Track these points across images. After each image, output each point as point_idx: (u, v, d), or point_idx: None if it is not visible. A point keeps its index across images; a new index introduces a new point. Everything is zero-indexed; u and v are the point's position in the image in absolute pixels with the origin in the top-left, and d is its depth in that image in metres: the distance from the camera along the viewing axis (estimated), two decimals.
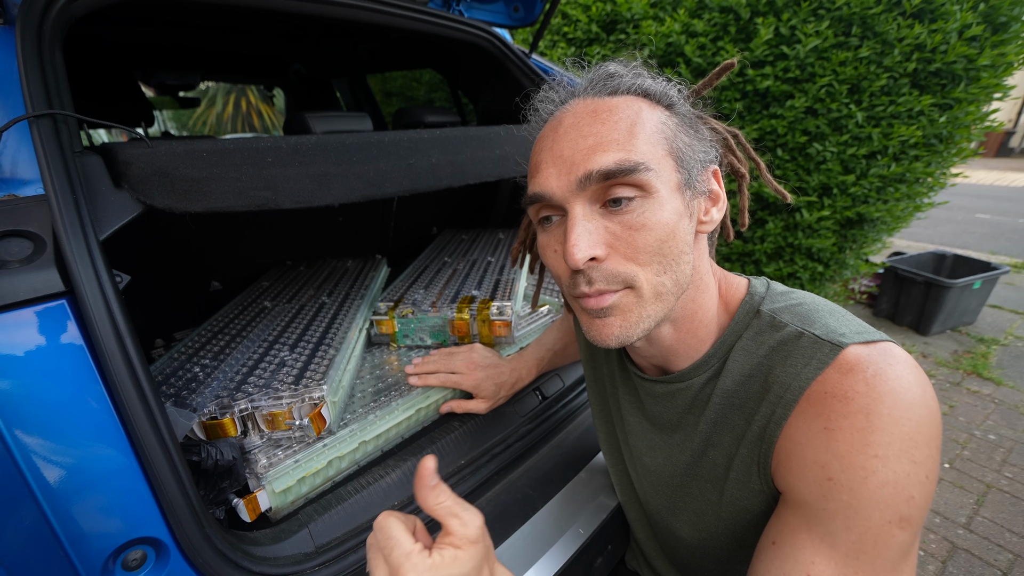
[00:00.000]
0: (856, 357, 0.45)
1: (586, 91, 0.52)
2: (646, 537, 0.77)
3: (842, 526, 0.42)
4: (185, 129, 8.12)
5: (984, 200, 7.25)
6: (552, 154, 0.49)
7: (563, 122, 0.50)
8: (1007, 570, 1.50)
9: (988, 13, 1.81)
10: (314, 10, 0.97)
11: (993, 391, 2.42)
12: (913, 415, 0.42)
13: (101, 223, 0.59)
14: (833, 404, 0.44)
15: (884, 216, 2.24)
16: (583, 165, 0.46)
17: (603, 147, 0.46)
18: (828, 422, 0.43)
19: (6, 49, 0.65)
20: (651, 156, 0.46)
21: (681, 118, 0.52)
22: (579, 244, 0.46)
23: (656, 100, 0.51)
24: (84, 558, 0.50)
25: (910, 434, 0.41)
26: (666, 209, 0.47)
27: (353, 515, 0.71)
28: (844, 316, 0.51)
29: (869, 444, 0.41)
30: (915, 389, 0.43)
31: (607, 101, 0.49)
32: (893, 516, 0.41)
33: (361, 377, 0.97)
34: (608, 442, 0.78)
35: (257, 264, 1.46)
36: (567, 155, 0.48)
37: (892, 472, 0.41)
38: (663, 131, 0.48)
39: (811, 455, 0.44)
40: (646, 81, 0.51)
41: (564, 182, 0.48)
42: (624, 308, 0.49)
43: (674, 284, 0.49)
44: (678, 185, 0.48)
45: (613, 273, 0.47)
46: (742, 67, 2.09)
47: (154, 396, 0.55)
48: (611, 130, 0.47)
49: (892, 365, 0.44)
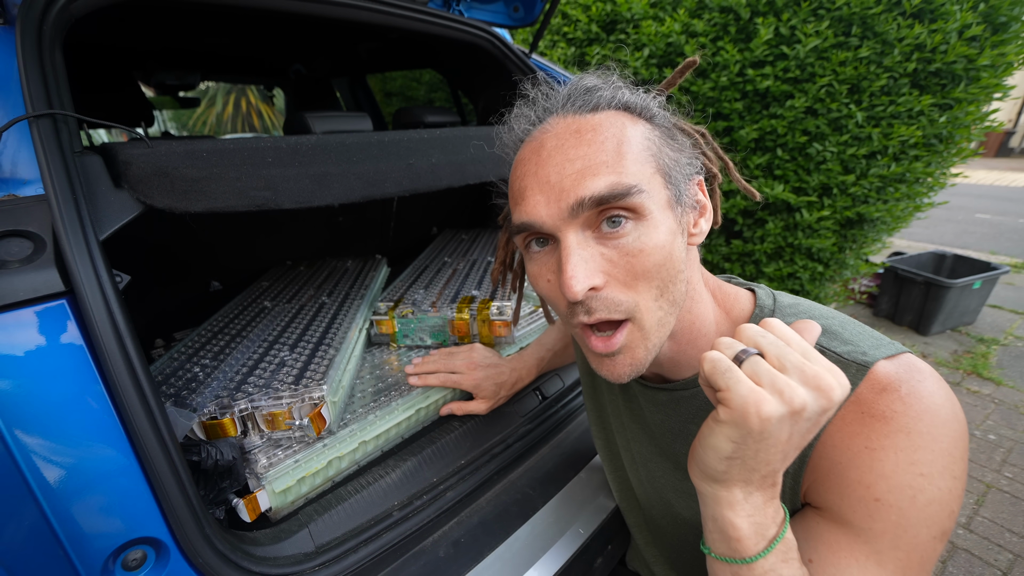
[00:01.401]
0: (887, 375, 0.45)
1: (564, 107, 0.49)
2: (646, 542, 0.77)
3: (890, 545, 0.42)
4: (185, 129, 8.11)
5: (984, 200, 7.25)
6: (538, 180, 0.46)
7: (545, 144, 0.47)
8: (1007, 570, 1.50)
9: (988, 13, 1.81)
10: (314, 10, 0.97)
11: (993, 391, 2.42)
12: (950, 431, 0.42)
13: (101, 223, 0.59)
14: (872, 424, 0.44)
15: (884, 216, 2.24)
16: (574, 192, 0.44)
17: (593, 171, 0.44)
18: (869, 442, 0.43)
19: (6, 49, 0.65)
20: (642, 176, 0.45)
21: (663, 130, 0.50)
22: (576, 275, 0.43)
23: (637, 114, 0.49)
24: (84, 558, 0.50)
25: (949, 450, 0.42)
26: (660, 230, 0.45)
27: (353, 515, 0.71)
28: (857, 328, 0.51)
29: (914, 463, 0.42)
30: (947, 405, 0.43)
31: (589, 119, 0.47)
32: (938, 531, 0.42)
33: (361, 377, 0.97)
34: (606, 448, 0.77)
35: (257, 264, 1.46)
36: (554, 181, 0.45)
37: (937, 489, 0.41)
38: (649, 147, 0.47)
39: (854, 475, 0.44)
40: (626, 94, 0.49)
41: (555, 210, 0.45)
42: (632, 346, 0.47)
43: (671, 305, 0.48)
44: (668, 202, 0.47)
45: (613, 302, 0.46)
46: (742, 67, 2.09)
47: (154, 396, 0.55)
48: (599, 151, 0.44)
49: (922, 382, 0.44)
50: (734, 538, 0.42)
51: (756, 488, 0.41)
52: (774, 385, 0.37)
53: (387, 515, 0.72)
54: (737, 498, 0.41)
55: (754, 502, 0.41)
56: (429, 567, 0.69)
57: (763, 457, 0.39)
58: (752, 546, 0.41)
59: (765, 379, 0.37)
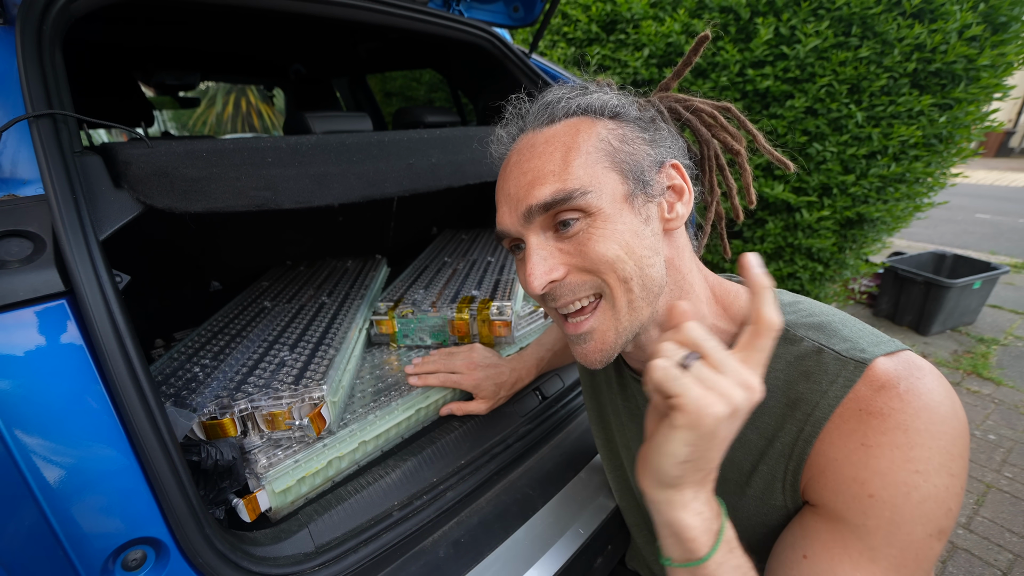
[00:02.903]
0: (885, 373, 0.45)
1: (529, 125, 0.55)
2: (645, 541, 0.77)
3: (884, 541, 0.42)
4: (185, 129, 8.12)
5: (984, 200, 7.25)
6: (504, 193, 0.53)
7: (510, 160, 0.54)
8: (1007, 570, 1.50)
9: (988, 13, 1.81)
10: (314, 10, 0.97)
11: (993, 391, 2.42)
12: (948, 428, 0.42)
13: (101, 223, 0.59)
14: (869, 421, 0.44)
15: (884, 216, 2.24)
16: (524, 201, 0.50)
17: (539, 181, 0.49)
18: (865, 439, 0.44)
19: (6, 49, 0.65)
20: (588, 178, 0.48)
21: (630, 124, 0.53)
22: (535, 272, 0.49)
23: (598, 114, 0.52)
24: (84, 558, 0.50)
25: (947, 448, 0.42)
26: (613, 222, 0.49)
27: (353, 515, 0.71)
28: (857, 326, 0.51)
29: (910, 460, 0.42)
30: (947, 402, 0.43)
31: (545, 132, 0.52)
32: (933, 529, 0.42)
33: (361, 377, 0.97)
34: (606, 447, 0.78)
35: (257, 264, 1.46)
36: (512, 193, 0.52)
37: (933, 487, 0.41)
38: (601, 147, 0.50)
39: (849, 472, 0.44)
40: (584, 99, 0.53)
41: (514, 218, 0.52)
42: (601, 331, 0.51)
43: (643, 289, 0.50)
44: (625, 196, 0.50)
45: (576, 285, 0.50)
46: (742, 67, 2.09)
47: (154, 396, 0.55)
48: (546, 162, 0.49)
49: (921, 379, 0.44)
50: (689, 539, 0.43)
51: (701, 486, 0.44)
52: (717, 387, 0.39)
53: (387, 515, 0.72)
54: (688, 499, 0.43)
55: (701, 499, 0.44)
56: (429, 567, 0.69)
57: (710, 456, 0.42)
58: (705, 543, 0.43)
59: (710, 382, 0.39)
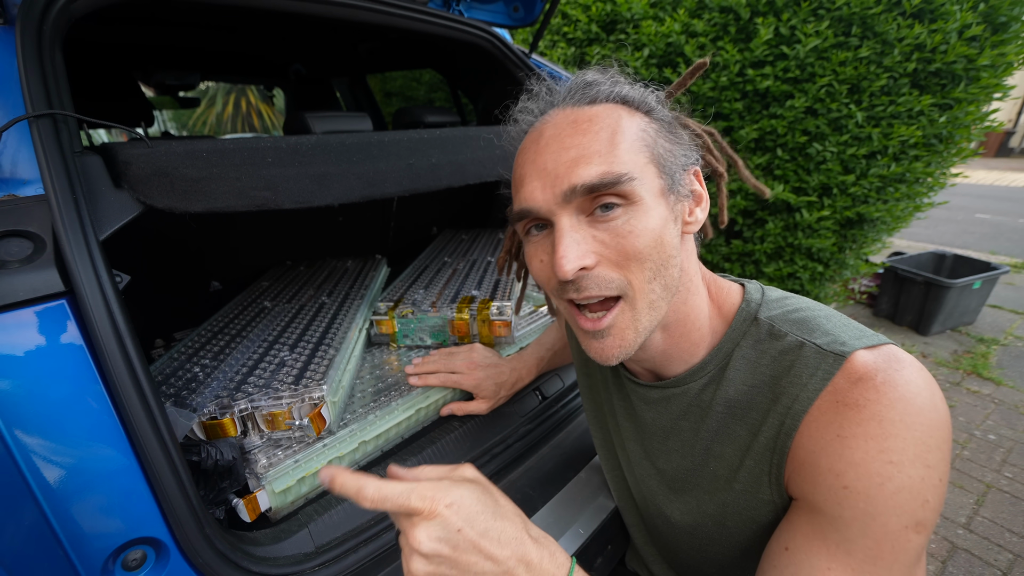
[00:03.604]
0: (863, 364, 0.45)
1: (565, 100, 0.52)
2: (644, 542, 0.77)
3: (859, 532, 0.42)
4: (185, 129, 8.12)
5: (984, 200, 7.25)
6: (535, 167, 0.49)
7: (544, 133, 0.50)
8: (1007, 570, 1.50)
9: (988, 13, 1.81)
10: (314, 10, 0.97)
11: (993, 391, 2.42)
12: (925, 419, 0.42)
13: (101, 223, 0.59)
14: (845, 412, 0.44)
15: (884, 216, 2.23)
16: (567, 179, 0.46)
17: (586, 159, 0.46)
18: (841, 430, 0.44)
19: (6, 49, 0.64)
20: (633, 165, 0.46)
21: (660, 123, 0.52)
22: (568, 255, 0.46)
23: (635, 107, 0.51)
24: (84, 558, 0.50)
25: (923, 439, 0.42)
26: (651, 215, 0.47)
27: (353, 515, 0.71)
28: (841, 321, 0.51)
29: (884, 451, 0.41)
30: (924, 393, 0.43)
31: (586, 111, 0.49)
32: (909, 521, 0.41)
33: (361, 377, 0.97)
34: (604, 447, 0.78)
35: (257, 264, 1.46)
36: (550, 168, 0.47)
37: (907, 477, 0.41)
38: (643, 138, 0.48)
39: (825, 463, 0.44)
40: (624, 88, 0.51)
41: (549, 195, 0.48)
42: (621, 327, 0.49)
43: (663, 289, 0.49)
44: (661, 190, 0.49)
45: (605, 279, 0.48)
46: (742, 67, 2.09)
47: (154, 396, 0.55)
48: (592, 141, 0.47)
49: (900, 370, 0.44)
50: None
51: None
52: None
53: (387, 515, 0.72)
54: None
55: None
56: None
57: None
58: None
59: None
